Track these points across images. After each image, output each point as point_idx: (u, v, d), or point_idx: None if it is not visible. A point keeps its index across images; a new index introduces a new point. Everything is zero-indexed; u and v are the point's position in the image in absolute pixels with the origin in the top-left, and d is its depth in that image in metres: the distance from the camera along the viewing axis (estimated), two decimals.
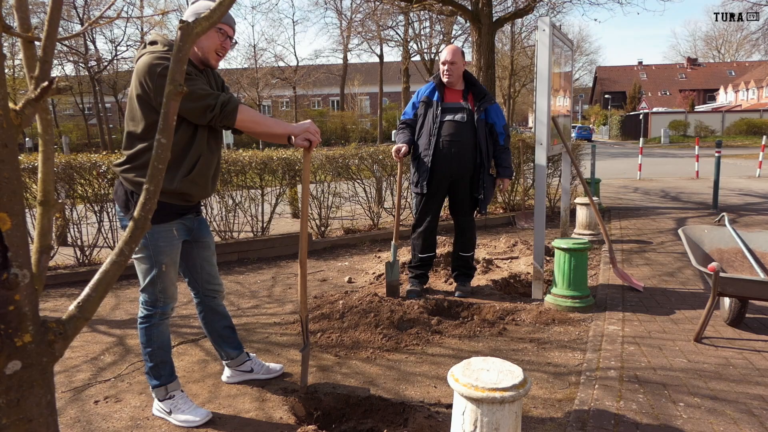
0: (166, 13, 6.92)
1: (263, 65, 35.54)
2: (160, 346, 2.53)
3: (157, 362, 2.53)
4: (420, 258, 4.37)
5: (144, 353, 2.54)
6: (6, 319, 1.19)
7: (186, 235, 2.58)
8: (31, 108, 1.21)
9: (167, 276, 2.48)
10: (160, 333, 2.53)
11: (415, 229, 4.35)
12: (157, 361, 2.53)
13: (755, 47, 32.82)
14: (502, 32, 27.67)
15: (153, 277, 2.46)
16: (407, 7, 11.15)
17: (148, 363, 2.54)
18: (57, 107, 40.62)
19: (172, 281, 2.52)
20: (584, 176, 6.17)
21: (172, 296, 2.54)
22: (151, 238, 2.42)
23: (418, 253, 4.37)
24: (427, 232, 4.32)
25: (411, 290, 4.32)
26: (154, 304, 2.50)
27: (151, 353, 2.52)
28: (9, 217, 1.16)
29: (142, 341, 2.53)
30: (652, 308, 4.02)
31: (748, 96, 49.10)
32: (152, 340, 2.51)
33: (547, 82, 4.13)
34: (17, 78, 28.84)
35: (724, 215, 4.17)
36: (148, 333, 2.51)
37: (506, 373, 1.80)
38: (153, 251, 2.44)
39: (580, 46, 54.28)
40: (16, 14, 1.25)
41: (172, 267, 2.50)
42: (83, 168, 5.24)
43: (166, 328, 2.57)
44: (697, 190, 11.01)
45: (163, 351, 2.54)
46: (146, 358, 2.54)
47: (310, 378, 2.98)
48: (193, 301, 4.45)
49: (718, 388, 2.73)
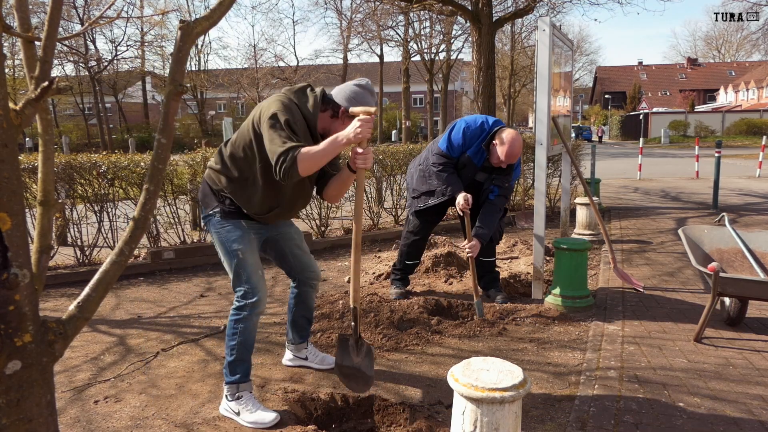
0: (166, 13, 6.92)
1: (263, 65, 35.50)
2: (243, 342, 2.56)
3: (237, 357, 2.56)
4: (407, 264, 4.36)
5: (227, 346, 2.58)
6: (6, 319, 1.19)
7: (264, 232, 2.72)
8: (31, 108, 1.21)
9: (247, 264, 2.55)
10: (246, 329, 2.56)
11: (410, 236, 4.28)
12: (238, 356, 2.56)
13: (755, 47, 32.85)
14: (502, 32, 27.68)
15: (235, 267, 2.55)
16: (407, 7, 11.16)
17: (228, 356, 2.57)
18: (57, 107, 40.63)
19: (255, 271, 2.58)
20: (584, 176, 6.17)
21: (258, 287, 2.57)
22: (222, 232, 2.57)
23: (405, 260, 4.33)
24: (422, 241, 4.32)
25: (397, 292, 4.27)
26: (245, 296, 2.55)
27: (234, 347, 2.55)
28: (9, 217, 1.16)
29: (228, 333, 2.58)
30: (652, 308, 4.02)
31: (748, 96, 49.11)
32: (237, 334, 2.55)
33: (547, 82, 4.13)
34: (17, 78, 28.84)
35: (724, 215, 4.17)
36: (235, 326, 2.56)
37: (506, 373, 1.80)
38: (226, 242, 2.57)
39: (580, 46, 54.29)
40: (16, 14, 1.25)
41: (249, 255, 2.57)
42: (83, 168, 5.24)
43: (254, 326, 2.60)
44: (697, 190, 11.01)
45: (245, 349, 2.57)
46: (228, 351, 2.57)
47: (309, 377, 2.98)
48: (200, 299, 4.49)
49: (718, 388, 2.73)
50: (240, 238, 2.57)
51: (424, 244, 4.40)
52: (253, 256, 2.61)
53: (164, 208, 5.71)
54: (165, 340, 3.61)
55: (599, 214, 5.16)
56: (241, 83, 33.86)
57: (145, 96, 42.91)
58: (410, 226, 4.30)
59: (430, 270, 4.97)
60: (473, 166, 3.97)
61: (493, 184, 3.97)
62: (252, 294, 2.55)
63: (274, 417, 2.50)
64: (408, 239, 4.30)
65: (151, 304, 4.43)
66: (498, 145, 3.80)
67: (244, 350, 2.57)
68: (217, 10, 1.28)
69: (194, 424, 2.52)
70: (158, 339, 3.62)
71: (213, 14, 1.28)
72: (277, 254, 2.85)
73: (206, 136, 34.93)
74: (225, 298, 4.54)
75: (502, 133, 3.82)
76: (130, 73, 37.58)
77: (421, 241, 4.32)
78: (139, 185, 5.47)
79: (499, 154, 3.79)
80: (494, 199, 3.97)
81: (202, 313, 4.15)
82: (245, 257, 2.56)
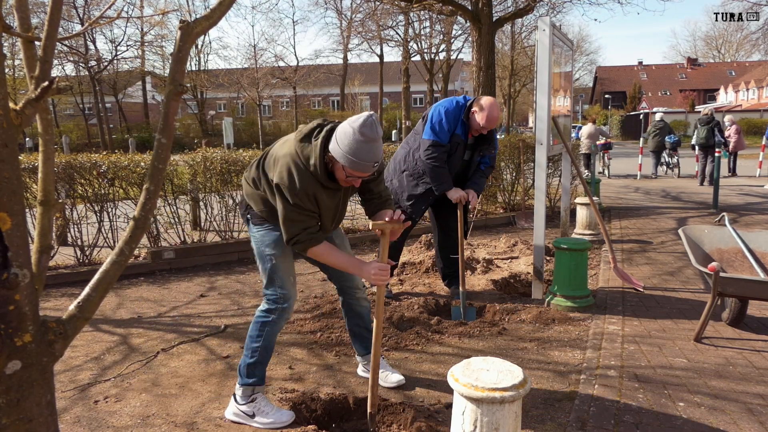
0: (166, 13, 6.92)
1: (263, 65, 35.48)
2: (266, 346, 2.55)
3: (258, 360, 2.54)
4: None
5: (248, 347, 2.56)
6: (6, 319, 1.19)
7: None
8: (31, 108, 1.21)
9: (279, 269, 2.55)
10: (271, 332, 2.55)
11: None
12: (259, 359, 2.54)
13: (755, 47, 32.79)
14: (502, 32, 27.69)
15: (268, 271, 2.55)
16: (407, 7, 11.15)
17: (248, 359, 2.54)
18: (57, 107, 40.61)
19: (287, 277, 2.57)
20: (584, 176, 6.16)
21: (290, 293, 2.57)
22: (257, 235, 2.58)
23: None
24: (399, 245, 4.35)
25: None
26: (276, 301, 2.55)
27: (257, 349, 2.53)
28: (9, 216, 1.16)
29: (252, 334, 2.56)
30: (652, 308, 4.02)
31: (748, 96, 49.06)
32: (262, 337, 2.54)
33: (547, 82, 4.13)
34: (17, 78, 28.83)
35: (724, 215, 4.16)
36: (261, 328, 2.55)
37: (506, 373, 1.80)
38: (261, 245, 2.57)
39: (580, 46, 54.28)
40: (16, 14, 1.25)
41: (282, 260, 2.56)
42: (83, 168, 5.24)
43: (278, 331, 2.60)
44: (697, 190, 11.00)
45: (266, 352, 2.56)
46: (248, 353, 2.55)
47: (310, 377, 2.98)
48: (201, 299, 4.49)
49: (718, 388, 2.73)
50: (274, 243, 2.55)
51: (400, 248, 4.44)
52: (286, 261, 2.59)
53: (164, 208, 5.72)
54: (166, 339, 3.61)
55: (599, 214, 5.16)
56: (241, 83, 33.84)
57: (145, 96, 42.92)
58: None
59: (430, 270, 4.97)
60: (463, 144, 4.01)
61: (480, 156, 4.09)
62: (283, 300, 2.54)
63: (290, 416, 2.49)
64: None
65: (152, 303, 4.43)
66: (478, 112, 3.90)
67: (265, 353, 2.55)
68: (217, 10, 1.28)
69: (196, 423, 2.53)
70: (159, 338, 3.62)
71: (213, 14, 1.28)
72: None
73: (206, 136, 34.90)
74: (226, 297, 4.54)
75: (480, 100, 3.94)
76: (130, 73, 37.60)
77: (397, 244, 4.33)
78: (139, 185, 5.47)
79: (479, 120, 3.90)
80: (485, 170, 4.18)
81: (203, 313, 4.15)
82: (278, 262, 2.55)
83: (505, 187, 8.26)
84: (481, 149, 4.06)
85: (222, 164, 5.86)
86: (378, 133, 2.22)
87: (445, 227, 4.33)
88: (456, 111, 3.97)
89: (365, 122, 2.20)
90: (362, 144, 2.19)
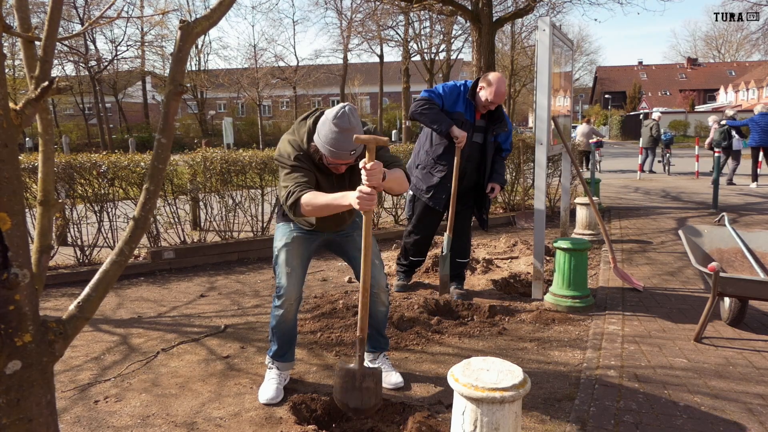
0: (166, 13, 6.92)
1: (263, 65, 35.48)
2: (275, 328, 2.77)
3: (271, 339, 2.82)
4: (411, 261, 4.53)
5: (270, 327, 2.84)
6: (6, 319, 1.19)
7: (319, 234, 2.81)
8: (31, 108, 1.21)
9: (279, 262, 2.73)
10: (277, 320, 2.74)
11: (411, 235, 4.38)
12: (272, 338, 2.81)
13: (755, 47, 32.78)
14: (502, 32, 27.68)
15: (273, 264, 2.78)
16: (407, 7, 11.15)
17: (270, 335, 2.84)
18: (57, 107, 40.61)
19: (284, 271, 2.71)
20: (584, 176, 6.17)
21: (285, 286, 2.70)
22: (276, 230, 2.83)
23: (410, 257, 4.49)
24: (426, 240, 4.41)
25: (399, 284, 4.55)
26: (276, 292, 2.75)
27: (272, 329, 2.80)
28: (9, 216, 1.16)
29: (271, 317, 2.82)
30: (652, 308, 4.02)
31: (748, 96, 49.04)
32: (272, 320, 2.78)
33: (547, 82, 4.13)
34: (17, 78, 28.82)
35: (724, 215, 4.17)
36: (272, 313, 2.78)
37: (506, 373, 1.80)
38: (274, 240, 2.80)
39: (580, 46, 54.26)
40: (16, 14, 1.25)
41: (284, 254, 2.73)
42: (83, 168, 5.24)
43: (285, 319, 2.74)
44: (697, 190, 11.01)
45: (276, 335, 2.77)
46: (270, 331, 2.84)
47: (310, 377, 2.98)
48: (201, 299, 4.49)
49: (718, 388, 2.73)
50: (282, 238, 2.77)
51: (429, 244, 4.50)
52: (289, 255, 2.73)
53: (164, 208, 5.72)
54: (166, 339, 3.61)
55: (599, 214, 5.16)
56: (241, 83, 33.85)
57: (145, 96, 42.91)
58: (412, 226, 4.38)
59: (431, 270, 4.97)
60: (468, 124, 4.01)
61: (494, 137, 4.11)
62: (278, 290, 2.73)
63: (269, 397, 2.68)
64: (410, 237, 4.40)
65: (152, 303, 4.43)
66: (485, 87, 3.93)
67: (276, 335, 2.78)
68: (217, 10, 1.28)
69: (196, 423, 2.52)
70: (160, 338, 3.62)
71: (213, 14, 1.28)
72: (341, 256, 2.95)
73: (206, 136, 34.92)
74: (226, 297, 4.54)
75: (487, 76, 3.96)
76: (130, 73, 37.58)
77: (426, 240, 4.41)
78: (139, 185, 5.47)
79: (487, 95, 3.91)
80: (504, 155, 4.28)
81: (203, 313, 4.15)
82: (279, 255, 2.74)
83: (505, 187, 8.26)
84: (493, 129, 4.08)
85: (222, 164, 5.86)
86: (352, 122, 2.36)
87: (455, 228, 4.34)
88: (456, 87, 4.06)
89: (338, 113, 2.36)
90: (337, 134, 2.36)
